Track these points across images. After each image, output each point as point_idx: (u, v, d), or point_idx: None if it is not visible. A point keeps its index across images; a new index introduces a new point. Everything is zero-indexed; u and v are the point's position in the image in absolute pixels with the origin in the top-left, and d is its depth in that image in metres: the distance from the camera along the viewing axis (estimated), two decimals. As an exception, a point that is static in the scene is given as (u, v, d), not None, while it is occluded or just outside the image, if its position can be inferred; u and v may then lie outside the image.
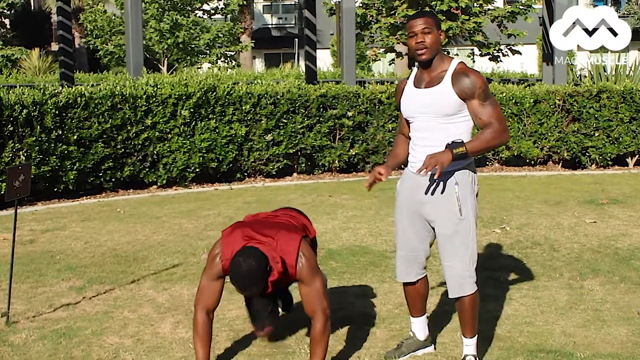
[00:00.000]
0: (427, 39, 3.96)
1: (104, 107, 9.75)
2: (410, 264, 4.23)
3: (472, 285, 4.05)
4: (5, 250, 6.67)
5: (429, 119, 4.01)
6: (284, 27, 38.41)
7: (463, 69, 3.98)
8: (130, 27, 12.35)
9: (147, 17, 27.44)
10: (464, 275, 4.02)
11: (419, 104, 4.04)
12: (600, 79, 14.09)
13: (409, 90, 4.13)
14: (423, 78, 4.07)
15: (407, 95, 4.13)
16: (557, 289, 5.60)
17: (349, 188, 10.15)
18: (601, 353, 4.38)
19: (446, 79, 3.97)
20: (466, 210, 3.99)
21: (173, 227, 7.79)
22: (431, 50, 3.97)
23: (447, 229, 4.01)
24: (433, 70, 4.03)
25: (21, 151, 9.00)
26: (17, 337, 4.69)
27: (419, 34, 3.97)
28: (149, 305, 5.32)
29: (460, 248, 4.01)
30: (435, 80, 4.00)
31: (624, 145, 11.84)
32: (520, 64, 28.70)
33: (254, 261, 3.79)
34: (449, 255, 4.04)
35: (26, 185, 5.04)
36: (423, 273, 4.28)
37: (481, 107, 3.94)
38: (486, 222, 7.77)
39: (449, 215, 4.00)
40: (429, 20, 3.98)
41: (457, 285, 4.04)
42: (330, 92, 11.30)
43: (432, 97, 3.99)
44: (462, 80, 3.93)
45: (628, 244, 6.91)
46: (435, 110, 3.98)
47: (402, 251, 4.24)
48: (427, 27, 3.95)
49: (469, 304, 4.06)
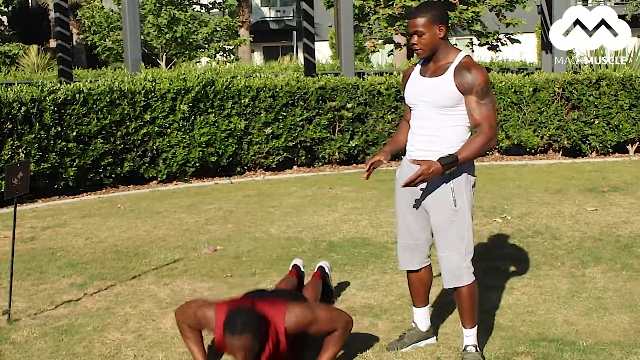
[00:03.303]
0: (420, 42, 3.98)
1: (102, 103, 9.74)
2: (413, 252, 4.23)
3: (470, 275, 4.04)
4: (5, 248, 6.67)
5: (428, 108, 4.02)
6: (282, 20, 38.38)
7: (467, 63, 3.97)
8: (127, 23, 12.32)
9: (145, 12, 27.40)
10: (460, 266, 4.02)
11: (420, 92, 4.06)
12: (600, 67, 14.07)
13: (414, 77, 4.15)
14: (429, 67, 4.09)
15: (411, 82, 4.16)
16: (558, 278, 5.60)
17: (350, 180, 10.15)
18: (604, 341, 4.37)
19: (449, 71, 3.97)
20: (461, 201, 3.98)
21: (174, 222, 7.79)
22: (426, 50, 4.00)
23: (441, 219, 4.01)
24: (438, 61, 4.04)
25: (20, 149, 9.00)
26: (18, 334, 4.69)
27: (413, 35, 3.99)
28: (150, 300, 5.32)
29: (456, 239, 4.01)
30: (440, 71, 4.01)
31: (624, 133, 11.82)
32: (519, 53, 28.68)
33: (252, 314, 3.78)
34: (445, 246, 4.04)
35: (25, 183, 5.04)
36: (427, 262, 4.28)
37: (477, 105, 3.93)
38: (487, 211, 7.77)
39: (444, 206, 4.00)
40: (423, 21, 3.94)
41: (453, 276, 4.04)
42: (329, 84, 11.29)
43: (433, 87, 4.00)
44: (464, 74, 3.93)
45: (629, 232, 6.90)
46: (434, 100, 3.99)
47: (403, 240, 4.24)
48: (421, 29, 3.95)
49: (467, 294, 4.06)
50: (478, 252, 4.40)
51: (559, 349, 4.26)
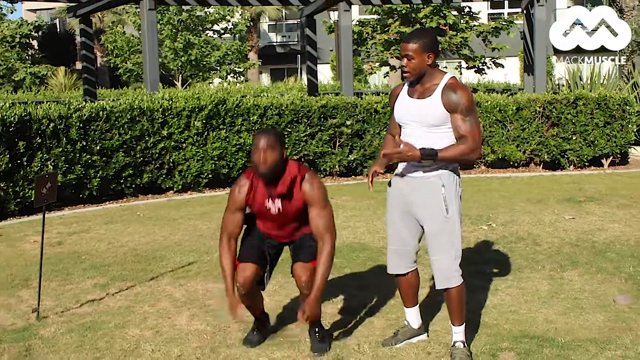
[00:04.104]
0: (409, 65, 3.97)
1: (124, 119, 9.76)
2: (401, 257, 4.22)
3: (458, 278, 4.05)
4: (35, 252, 6.67)
5: (417, 127, 4.00)
6: (287, 44, 38.42)
7: (453, 85, 3.96)
8: (147, 47, 12.36)
9: (163, 37, 27.50)
10: (450, 269, 4.03)
11: (409, 113, 4.04)
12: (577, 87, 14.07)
13: (403, 97, 4.12)
14: (416, 89, 4.06)
15: (400, 102, 4.13)
16: (539, 280, 5.60)
17: (349, 190, 10.15)
18: (580, 338, 4.37)
19: (437, 92, 3.96)
20: (452, 209, 3.99)
21: (188, 229, 7.79)
22: (414, 74, 3.99)
23: (434, 226, 4.02)
24: (425, 83, 4.02)
25: (49, 161, 9.01)
26: (46, 330, 4.70)
27: (404, 58, 3.99)
28: (166, 299, 5.32)
29: (447, 244, 4.01)
30: (427, 93, 3.99)
31: (599, 148, 11.83)
32: (503, 75, 28.71)
33: (272, 130, 4.07)
34: (436, 250, 4.04)
35: (53, 193, 5.05)
36: (413, 266, 4.27)
37: (462, 122, 3.92)
38: (474, 219, 7.77)
39: (437, 214, 4.00)
40: (414, 47, 3.92)
41: (444, 278, 4.04)
42: (330, 103, 11.30)
43: (422, 108, 3.98)
44: (450, 94, 3.92)
45: (604, 238, 6.90)
46: (424, 120, 3.97)
47: (393, 246, 4.24)
48: (411, 54, 3.94)
49: (456, 295, 4.07)
50: (466, 256, 4.40)
51: (539, 345, 4.26)
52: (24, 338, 4.57)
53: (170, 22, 27.95)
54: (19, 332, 4.69)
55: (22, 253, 6.89)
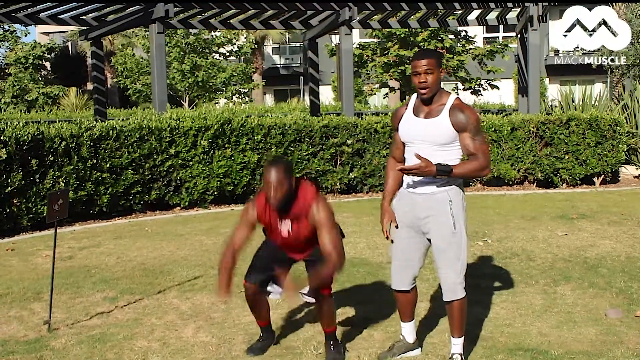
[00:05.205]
0: (429, 79, 3.91)
1: (133, 138, 9.79)
2: (406, 273, 4.19)
3: (462, 290, 4.06)
4: (47, 266, 6.68)
5: (425, 146, 3.96)
6: (290, 66, 38.54)
7: (459, 105, 3.95)
8: (155, 68, 12.42)
9: (171, 59, 27.61)
10: (456, 282, 4.03)
11: (417, 132, 4.00)
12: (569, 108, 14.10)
13: (408, 117, 4.07)
14: (422, 109, 4.02)
15: (406, 122, 4.07)
16: (533, 294, 5.59)
17: (349, 207, 10.15)
18: (573, 351, 4.36)
19: (444, 113, 3.93)
20: (459, 225, 4.00)
21: (194, 244, 7.80)
22: (432, 89, 3.93)
23: (442, 241, 4.01)
24: (432, 103, 3.98)
25: (60, 178, 9.03)
26: (57, 342, 4.69)
27: (422, 73, 3.92)
28: (173, 312, 5.31)
29: (454, 258, 4.01)
30: (434, 113, 3.96)
31: (590, 167, 11.84)
32: (498, 96, 28.77)
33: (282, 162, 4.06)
34: (444, 264, 4.03)
35: (64, 209, 5.06)
36: (414, 283, 4.26)
37: (470, 140, 3.92)
38: (470, 235, 7.70)
39: (445, 229, 3.99)
40: (431, 62, 3.90)
41: (450, 291, 4.05)
42: (332, 123, 11.33)
43: (431, 127, 3.95)
44: (458, 114, 3.91)
45: (596, 254, 6.89)
46: (432, 140, 3.95)
47: (397, 261, 4.20)
48: (430, 68, 3.90)
49: (458, 307, 4.06)
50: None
51: (533, 358, 4.25)
52: (36, 349, 4.56)
53: (178, 45, 28.08)
54: (30, 343, 4.68)
55: (35, 267, 6.89)
